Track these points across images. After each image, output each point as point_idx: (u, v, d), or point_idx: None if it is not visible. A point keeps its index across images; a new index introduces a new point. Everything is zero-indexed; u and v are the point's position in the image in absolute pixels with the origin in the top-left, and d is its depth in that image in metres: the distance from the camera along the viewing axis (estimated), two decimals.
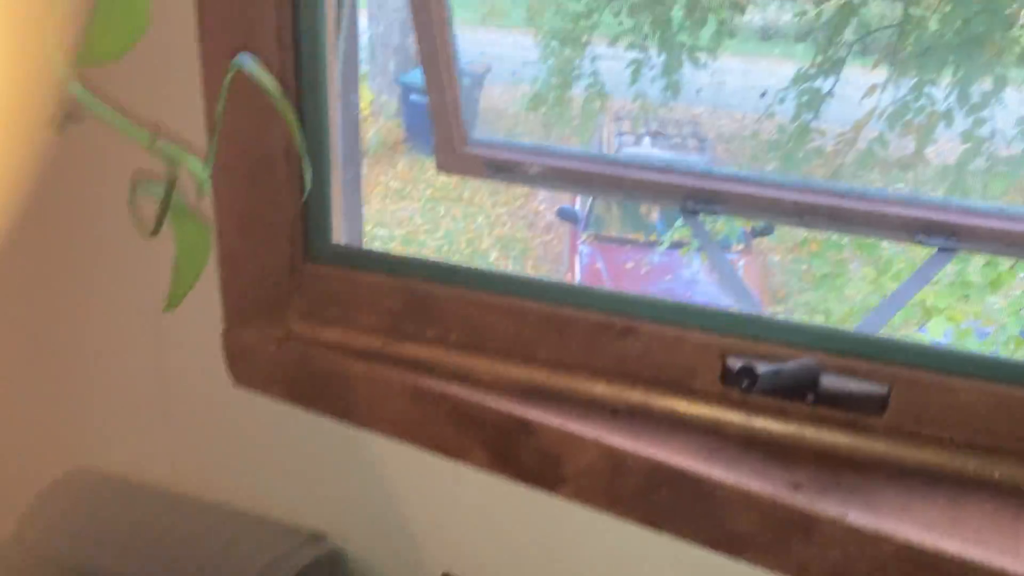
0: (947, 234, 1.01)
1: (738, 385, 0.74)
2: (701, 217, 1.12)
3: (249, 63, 0.60)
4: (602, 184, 1.14)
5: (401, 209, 7.08)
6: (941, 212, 1.02)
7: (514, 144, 1.17)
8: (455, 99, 1.16)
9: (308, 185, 0.64)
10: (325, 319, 0.95)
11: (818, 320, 3.45)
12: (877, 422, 0.79)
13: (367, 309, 0.93)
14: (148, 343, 1.02)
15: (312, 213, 0.93)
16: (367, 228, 7.74)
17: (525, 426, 0.82)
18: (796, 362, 0.76)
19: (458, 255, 7.37)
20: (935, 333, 3.07)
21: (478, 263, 7.52)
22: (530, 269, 7.50)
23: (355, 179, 1.09)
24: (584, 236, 5.49)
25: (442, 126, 1.17)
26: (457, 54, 1.10)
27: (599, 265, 5.40)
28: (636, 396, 0.84)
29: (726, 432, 0.82)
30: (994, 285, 3.13)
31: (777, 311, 4.08)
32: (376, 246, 7.63)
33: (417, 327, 0.92)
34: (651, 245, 5.16)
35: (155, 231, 0.59)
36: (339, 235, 0.95)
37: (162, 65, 0.85)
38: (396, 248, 7.59)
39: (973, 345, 3.09)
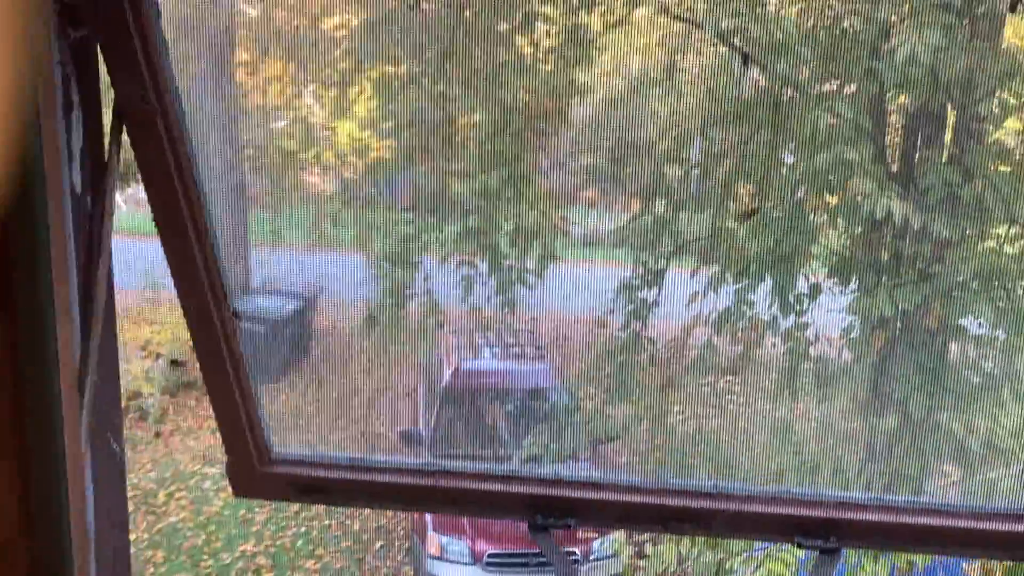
0: (826, 533, 0.90)
1: None
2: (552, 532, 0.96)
3: None
4: (439, 500, 0.97)
5: None
6: (817, 508, 0.91)
7: (328, 459, 0.99)
8: (252, 411, 0.97)
9: None
10: None
11: (685, 542, 3.33)
12: None
13: None
14: None
15: None
16: (195, 468, 7.15)
17: None
18: None
19: None
20: None
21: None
22: None
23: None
24: (430, 457, 5.31)
25: (235, 443, 0.97)
26: (250, 366, 0.93)
27: None
28: None
29: None
30: None
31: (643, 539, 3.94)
32: (207, 485, 7.02)
33: None
34: (501, 461, 5.04)
35: None
36: None
37: None
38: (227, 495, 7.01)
39: None
